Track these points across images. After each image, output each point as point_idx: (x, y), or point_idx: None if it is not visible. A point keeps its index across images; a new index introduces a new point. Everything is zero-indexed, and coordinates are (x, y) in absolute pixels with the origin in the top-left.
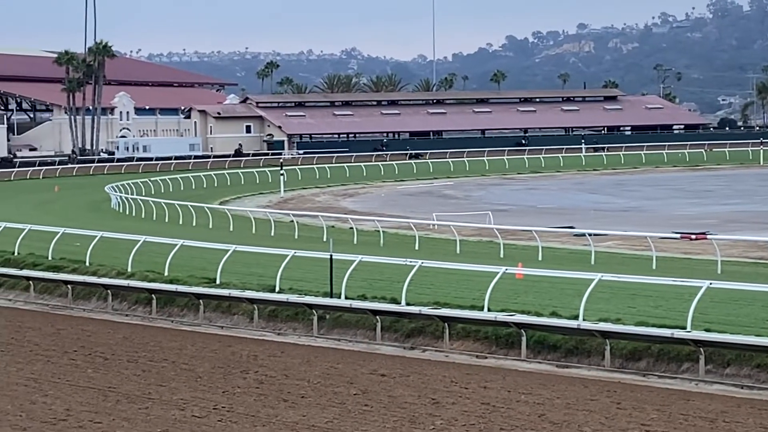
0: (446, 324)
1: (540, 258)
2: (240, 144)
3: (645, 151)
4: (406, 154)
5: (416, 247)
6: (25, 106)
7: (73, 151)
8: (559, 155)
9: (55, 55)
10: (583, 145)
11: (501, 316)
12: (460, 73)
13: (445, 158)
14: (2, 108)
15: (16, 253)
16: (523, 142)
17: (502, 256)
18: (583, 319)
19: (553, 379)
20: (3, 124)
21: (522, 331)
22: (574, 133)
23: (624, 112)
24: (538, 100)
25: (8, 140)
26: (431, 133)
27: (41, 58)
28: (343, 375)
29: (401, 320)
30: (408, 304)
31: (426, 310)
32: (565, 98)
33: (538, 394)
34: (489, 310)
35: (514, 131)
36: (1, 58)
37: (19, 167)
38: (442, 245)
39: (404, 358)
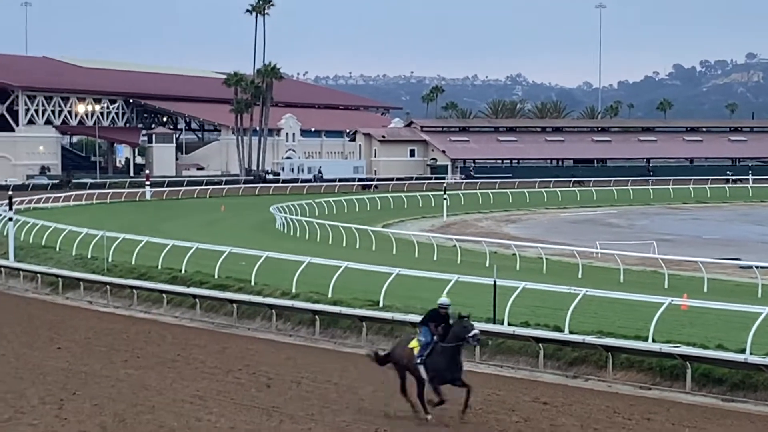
0: (610, 353)
1: (705, 289)
2: (434, 158)
3: None
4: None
5: (579, 275)
6: (193, 126)
7: (266, 171)
8: (726, 186)
9: (225, 77)
10: (750, 176)
11: (666, 348)
12: (625, 101)
13: (610, 186)
14: (171, 127)
15: (183, 271)
16: None
17: (666, 286)
18: (751, 353)
19: (718, 413)
20: (172, 143)
21: (687, 363)
22: (741, 163)
23: None
24: (704, 129)
25: (177, 159)
26: (595, 161)
27: (211, 79)
28: (504, 402)
29: (564, 348)
30: (571, 332)
31: (590, 339)
32: (733, 128)
33: (702, 428)
34: (653, 340)
35: (680, 160)
36: (171, 79)
37: (186, 186)
38: (606, 274)
39: (567, 387)
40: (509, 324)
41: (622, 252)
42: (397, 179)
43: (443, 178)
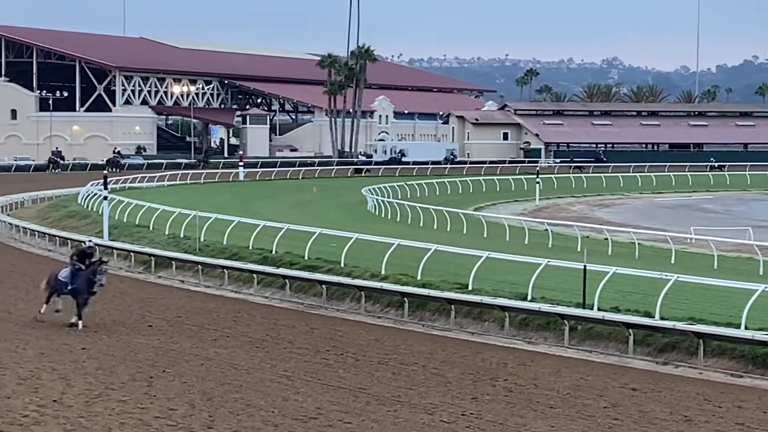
0: (701, 340)
1: None
2: (527, 142)
3: None
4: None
5: (672, 261)
6: (287, 107)
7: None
8: None
9: (319, 58)
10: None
11: (759, 335)
12: (723, 86)
13: (705, 171)
14: (266, 109)
15: (273, 252)
16: None
17: (761, 273)
18: None
19: None
20: (266, 124)
21: None
22: None
23: None
24: None
25: (270, 140)
26: (691, 146)
27: (305, 60)
28: (593, 387)
29: (654, 334)
30: (662, 318)
31: (680, 325)
32: None
33: None
34: (746, 328)
35: None
36: (266, 60)
37: (279, 167)
38: (699, 260)
39: (656, 373)
40: (599, 309)
41: (717, 238)
42: (490, 162)
43: (536, 162)
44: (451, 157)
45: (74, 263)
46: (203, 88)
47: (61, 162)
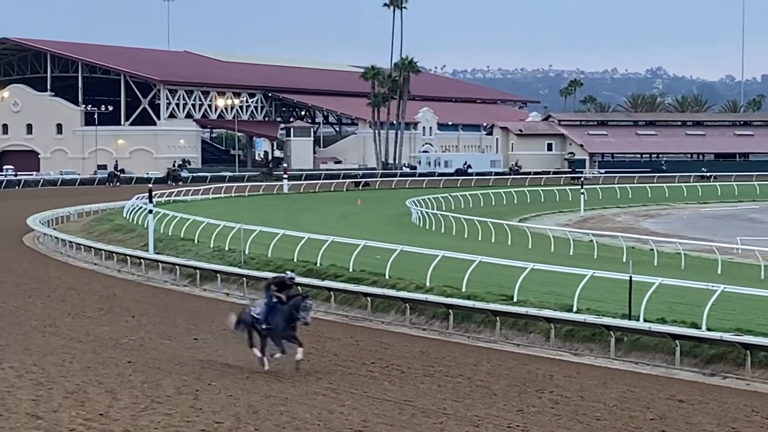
0: (748, 351)
1: None
2: (572, 152)
3: None
4: None
5: (719, 271)
6: (331, 119)
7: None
8: None
9: (362, 70)
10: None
11: None
12: None
13: (752, 181)
14: (310, 121)
15: (318, 264)
16: None
17: None
18: None
19: None
20: (310, 137)
21: None
22: None
23: None
24: None
25: (314, 153)
26: (737, 155)
27: (348, 72)
28: (639, 399)
29: (701, 345)
30: (709, 329)
31: (727, 336)
32: None
33: None
34: None
35: None
36: (309, 73)
37: (323, 179)
38: (746, 270)
39: (703, 385)
40: (645, 320)
41: (764, 248)
42: (534, 173)
43: (581, 172)
44: (516, 167)
45: (272, 294)
46: (247, 101)
47: (121, 176)
